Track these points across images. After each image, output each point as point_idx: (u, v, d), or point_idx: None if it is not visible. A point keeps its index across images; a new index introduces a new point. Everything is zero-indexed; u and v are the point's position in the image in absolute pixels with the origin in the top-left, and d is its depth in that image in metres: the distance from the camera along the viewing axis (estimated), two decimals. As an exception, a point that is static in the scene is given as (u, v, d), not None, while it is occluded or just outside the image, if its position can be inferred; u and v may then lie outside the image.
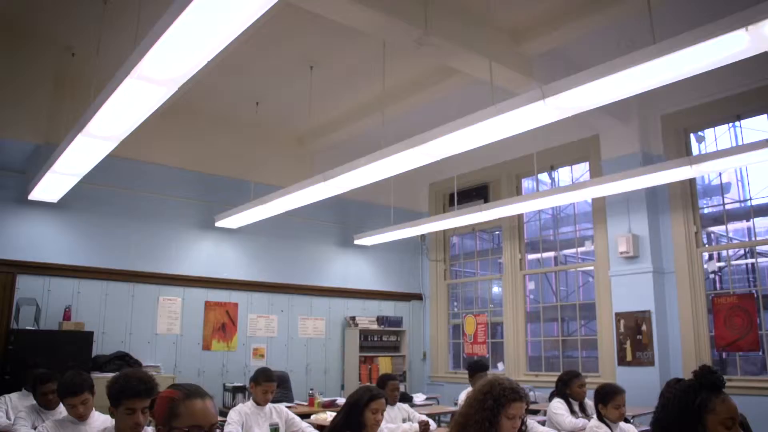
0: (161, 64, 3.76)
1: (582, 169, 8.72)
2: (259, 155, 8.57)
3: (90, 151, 5.32)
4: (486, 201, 9.08)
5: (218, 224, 8.10)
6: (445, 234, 10.41)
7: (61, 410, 4.20)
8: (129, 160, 7.60)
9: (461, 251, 10.81)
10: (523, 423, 2.93)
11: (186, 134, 8.22)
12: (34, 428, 4.02)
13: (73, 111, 5.64)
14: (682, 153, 7.33)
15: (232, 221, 7.96)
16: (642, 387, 6.48)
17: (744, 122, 7.20)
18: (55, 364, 5.03)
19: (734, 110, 7.12)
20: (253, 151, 8.50)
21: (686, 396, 2.19)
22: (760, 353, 6.83)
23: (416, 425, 5.43)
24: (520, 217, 9.21)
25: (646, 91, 4.21)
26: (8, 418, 5.01)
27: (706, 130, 7.59)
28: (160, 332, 7.84)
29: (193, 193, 8.30)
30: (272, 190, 7.05)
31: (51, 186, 6.40)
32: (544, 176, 9.40)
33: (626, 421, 4.38)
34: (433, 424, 5.61)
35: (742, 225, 7.91)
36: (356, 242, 9.36)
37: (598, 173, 7.81)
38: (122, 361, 7.05)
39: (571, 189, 6.81)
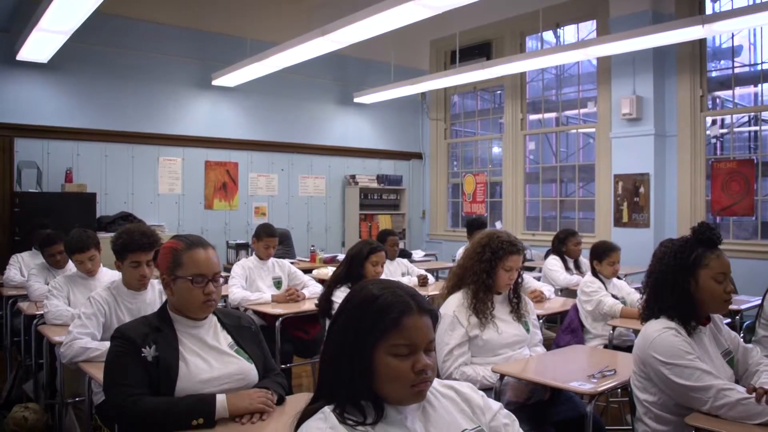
0: None
1: (588, 28, 8.43)
2: (254, 10, 8.23)
3: (76, 6, 5.06)
4: (488, 59, 8.83)
5: (215, 83, 7.94)
6: (446, 92, 10.25)
7: (71, 267, 4.31)
8: (120, 17, 7.32)
9: (462, 110, 10.69)
10: (519, 275, 3.02)
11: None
12: (47, 284, 4.15)
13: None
14: (694, 12, 7.02)
15: (229, 79, 7.80)
16: (636, 248, 6.63)
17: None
18: (60, 225, 5.12)
19: (757, -37, 6.75)
20: (248, 6, 8.15)
21: (683, 250, 2.25)
22: (754, 218, 6.94)
23: (415, 279, 5.62)
24: (522, 76, 9.01)
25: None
26: (22, 275, 5.18)
27: (723, -12, 7.24)
28: (162, 192, 7.92)
29: (187, 51, 8.05)
30: (269, 47, 6.84)
31: (39, 45, 6.16)
32: (548, 36, 9.09)
33: (618, 278, 4.52)
34: (431, 278, 5.81)
35: (749, 90, 7.75)
36: (356, 100, 9.23)
37: (605, 32, 7.53)
38: (126, 221, 7.16)
39: (576, 47, 6.63)
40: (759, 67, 7.19)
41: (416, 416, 1.40)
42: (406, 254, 7.64)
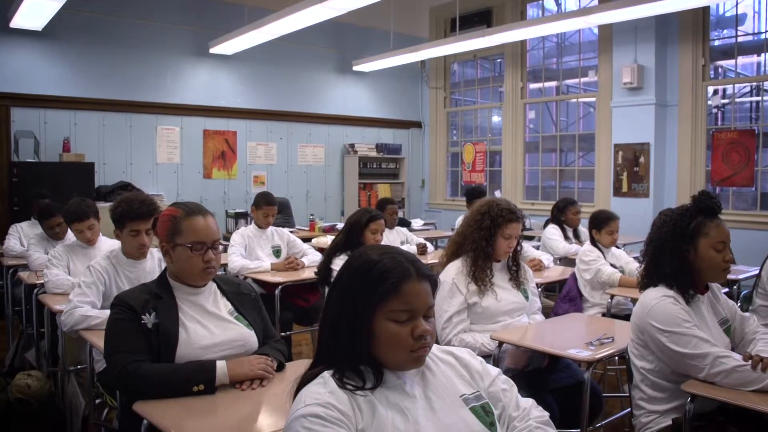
0: None
1: (590, -5, 8.33)
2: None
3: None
4: (489, 27, 8.73)
5: (213, 51, 7.85)
6: (446, 61, 10.15)
7: (70, 238, 4.32)
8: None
9: (462, 79, 10.60)
10: (518, 243, 3.01)
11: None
12: (46, 254, 4.16)
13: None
14: (698, -22, 6.94)
15: (227, 47, 7.71)
16: (635, 217, 6.64)
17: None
18: (59, 195, 5.11)
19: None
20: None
21: (682, 219, 2.24)
22: (753, 189, 6.92)
23: (414, 248, 5.63)
24: (523, 44, 8.93)
25: None
26: (22, 245, 5.19)
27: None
28: (161, 161, 7.89)
29: (185, 18, 7.96)
30: (267, 14, 6.75)
31: (32, 12, 6.06)
32: (549, 3, 8.98)
33: (617, 248, 4.53)
34: (430, 247, 5.82)
35: (752, 59, 7.67)
36: (355, 68, 9.13)
37: (607, -1, 7.46)
38: (125, 190, 7.11)
39: (577, 15, 6.55)
40: (762, 36, 7.10)
41: (415, 381, 1.41)
42: (405, 223, 7.65)
